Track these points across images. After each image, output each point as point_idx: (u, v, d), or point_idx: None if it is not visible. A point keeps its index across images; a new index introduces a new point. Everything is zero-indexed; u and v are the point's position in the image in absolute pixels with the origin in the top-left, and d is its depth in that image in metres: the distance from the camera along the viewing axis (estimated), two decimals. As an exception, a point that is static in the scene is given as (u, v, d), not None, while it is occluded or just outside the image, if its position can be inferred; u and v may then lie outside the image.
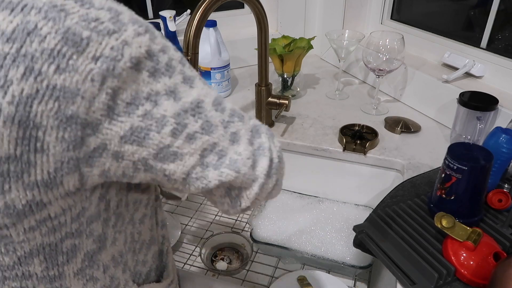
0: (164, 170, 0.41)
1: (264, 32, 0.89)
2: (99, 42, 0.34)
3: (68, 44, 0.33)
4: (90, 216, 0.43)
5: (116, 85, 0.35)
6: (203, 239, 1.00)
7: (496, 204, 0.67)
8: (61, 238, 0.42)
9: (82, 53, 0.34)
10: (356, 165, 0.93)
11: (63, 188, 0.38)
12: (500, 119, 0.85)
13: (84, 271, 0.46)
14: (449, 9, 1.13)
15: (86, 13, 0.35)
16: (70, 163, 0.36)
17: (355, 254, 0.85)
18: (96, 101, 0.35)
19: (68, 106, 0.34)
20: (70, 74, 0.34)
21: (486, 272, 0.54)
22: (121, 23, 0.36)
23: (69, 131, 0.35)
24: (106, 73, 0.35)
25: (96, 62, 0.34)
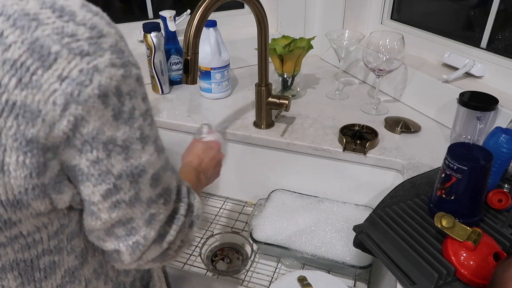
0: (83, 218, 0.41)
1: (264, 32, 0.89)
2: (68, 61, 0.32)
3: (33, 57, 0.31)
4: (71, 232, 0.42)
5: (80, 113, 0.33)
6: (203, 239, 1.00)
7: (496, 204, 0.67)
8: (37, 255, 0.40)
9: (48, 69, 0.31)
10: (356, 165, 0.93)
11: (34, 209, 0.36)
12: (500, 119, 0.85)
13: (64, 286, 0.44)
14: (449, 9, 1.13)
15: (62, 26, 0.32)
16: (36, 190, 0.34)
17: (355, 254, 0.85)
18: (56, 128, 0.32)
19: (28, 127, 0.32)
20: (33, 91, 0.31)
21: (486, 272, 0.54)
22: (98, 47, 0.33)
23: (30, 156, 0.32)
24: (70, 98, 0.32)
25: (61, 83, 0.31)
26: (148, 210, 0.41)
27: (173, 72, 1.22)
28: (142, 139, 0.38)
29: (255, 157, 1.04)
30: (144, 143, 0.39)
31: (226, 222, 1.06)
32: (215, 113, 1.08)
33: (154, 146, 0.40)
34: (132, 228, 0.41)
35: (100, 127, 0.34)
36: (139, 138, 0.38)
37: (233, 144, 1.04)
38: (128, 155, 0.37)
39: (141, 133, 0.38)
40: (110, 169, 0.36)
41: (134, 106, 0.37)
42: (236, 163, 1.07)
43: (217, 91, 1.15)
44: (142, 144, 0.38)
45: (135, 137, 0.37)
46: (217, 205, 1.12)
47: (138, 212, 0.41)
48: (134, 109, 0.37)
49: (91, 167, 0.36)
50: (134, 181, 0.39)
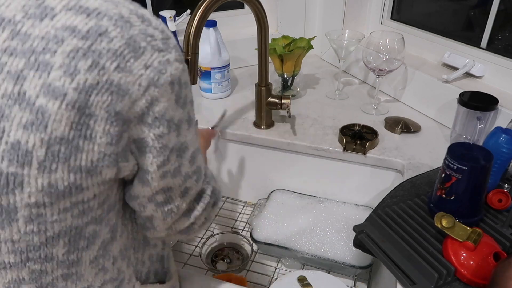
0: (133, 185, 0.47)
1: (264, 32, 0.89)
2: (151, 54, 0.41)
3: (129, 48, 0.39)
4: (110, 204, 0.47)
5: (155, 95, 0.41)
6: (203, 239, 1.00)
7: (496, 204, 0.67)
8: (86, 222, 0.45)
9: (138, 59, 0.40)
10: (356, 165, 0.93)
11: (101, 177, 0.42)
12: (500, 119, 0.85)
13: (98, 260, 0.49)
14: (449, 9, 1.14)
15: (145, 29, 0.41)
16: (111, 157, 0.41)
17: (355, 254, 0.85)
18: (136, 104, 0.40)
19: (118, 102, 0.39)
20: (126, 74, 0.39)
21: (486, 272, 0.54)
22: (168, 46, 0.43)
23: (114, 125, 0.40)
24: (151, 82, 0.41)
25: (146, 70, 0.40)
26: (184, 184, 0.49)
27: (173, 72, 1.21)
28: (189, 121, 0.47)
29: (255, 157, 1.04)
30: (189, 124, 0.47)
31: (226, 222, 1.06)
32: (215, 113, 1.08)
33: (195, 129, 0.49)
34: (170, 197, 0.49)
35: (167, 107, 0.43)
36: (187, 120, 0.46)
37: (233, 144, 1.04)
38: (179, 132, 0.45)
39: (189, 116, 0.47)
40: (167, 143, 0.44)
41: (187, 94, 0.46)
42: (236, 163, 1.07)
43: (217, 91, 1.15)
44: (188, 125, 0.47)
45: (185, 119, 0.46)
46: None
47: (177, 183, 0.48)
48: (187, 96, 0.46)
49: (156, 140, 0.43)
50: (179, 155, 0.47)
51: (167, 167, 0.46)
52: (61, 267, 0.46)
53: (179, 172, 0.48)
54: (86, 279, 0.48)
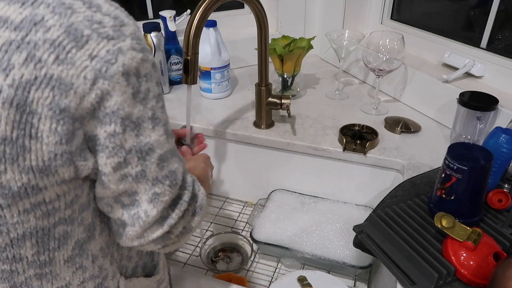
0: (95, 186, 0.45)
1: (264, 32, 0.89)
2: (97, 42, 0.37)
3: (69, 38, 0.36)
4: (82, 204, 0.45)
5: (106, 88, 0.38)
6: (203, 239, 1.00)
7: (496, 204, 0.67)
8: (54, 223, 0.43)
9: (81, 48, 0.36)
10: (356, 165, 0.93)
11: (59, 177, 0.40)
12: (500, 119, 0.85)
13: (74, 259, 0.47)
14: (449, 9, 1.14)
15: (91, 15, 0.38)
16: (64, 156, 0.39)
17: (355, 254, 0.85)
18: (86, 100, 0.37)
19: (61, 98, 0.36)
20: (67, 67, 0.36)
21: (486, 272, 0.54)
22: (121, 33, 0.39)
23: (61, 124, 0.37)
24: (98, 73, 0.37)
25: (92, 61, 0.37)
26: (153, 189, 0.45)
27: (173, 72, 1.22)
28: (153, 119, 0.42)
29: (255, 157, 1.04)
30: (155, 123, 0.43)
31: (226, 222, 1.06)
32: (215, 113, 1.08)
33: (164, 129, 0.44)
34: (135, 200, 0.45)
35: (121, 102, 0.39)
36: (150, 118, 0.42)
37: (233, 144, 1.04)
38: (139, 132, 0.41)
39: (153, 113, 0.42)
40: (123, 143, 0.41)
41: (149, 88, 0.41)
42: (236, 163, 1.07)
43: (217, 91, 1.15)
44: (152, 124, 0.42)
45: (147, 116, 0.42)
46: (217, 205, 1.12)
47: (143, 188, 0.44)
48: (149, 91, 0.41)
49: (107, 139, 0.40)
50: (142, 158, 0.43)
51: (126, 171, 0.42)
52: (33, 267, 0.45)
53: (144, 176, 0.44)
54: (62, 277, 0.47)
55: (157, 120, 0.43)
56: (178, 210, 0.48)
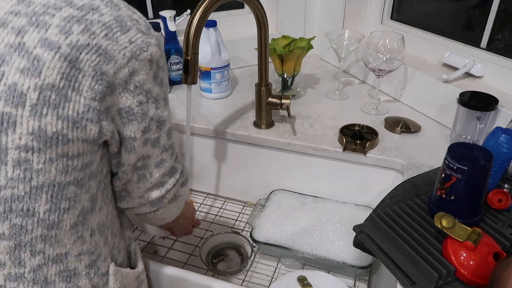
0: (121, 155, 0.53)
1: (264, 32, 0.89)
2: (136, 33, 0.49)
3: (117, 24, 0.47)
4: (92, 171, 0.51)
5: (136, 67, 0.48)
6: (203, 239, 1.00)
7: (496, 204, 0.67)
8: (69, 181, 0.48)
9: (124, 33, 0.47)
10: (356, 165, 0.93)
11: (85, 133, 0.46)
12: (500, 119, 0.85)
13: (77, 226, 0.51)
14: (449, 9, 1.13)
15: (131, 14, 0.50)
16: (94, 112, 0.46)
17: (355, 254, 0.85)
18: (121, 72, 0.47)
19: (104, 63, 0.46)
20: (112, 43, 0.46)
21: (486, 272, 0.54)
22: (150, 33, 0.51)
23: (99, 83, 0.45)
24: (133, 55, 0.48)
25: (130, 44, 0.48)
26: (161, 155, 0.56)
27: (173, 72, 1.22)
28: (165, 99, 0.54)
29: (255, 157, 1.04)
30: (166, 103, 0.55)
31: (226, 222, 1.06)
32: (215, 113, 1.08)
33: (169, 110, 0.56)
34: (147, 164, 0.55)
35: (145, 80, 0.50)
36: (163, 98, 0.54)
37: (233, 144, 1.04)
38: (157, 106, 0.52)
39: (165, 96, 0.54)
40: (147, 111, 0.51)
41: (163, 76, 0.53)
42: (236, 163, 1.07)
43: (217, 91, 1.15)
44: (165, 103, 0.54)
45: (162, 96, 0.53)
46: (217, 205, 1.12)
47: (155, 153, 0.55)
48: (163, 79, 0.53)
49: (139, 107, 0.50)
50: (159, 127, 0.54)
51: (149, 135, 0.53)
52: (41, 226, 0.47)
53: (158, 142, 0.54)
54: (64, 244, 0.50)
55: (167, 101, 0.55)
56: (173, 178, 0.59)
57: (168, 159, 0.57)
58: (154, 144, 0.54)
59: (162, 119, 0.54)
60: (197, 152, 1.10)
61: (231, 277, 0.91)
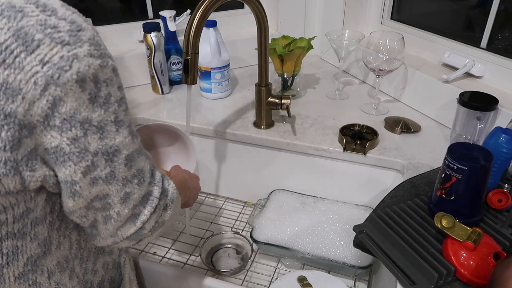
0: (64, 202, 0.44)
1: (264, 32, 0.89)
2: (51, 48, 0.36)
3: (18, 42, 0.34)
4: (35, 218, 0.43)
5: (58, 94, 0.36)
6: (203, 239, 1.00)
7: (496, 204, 0.67)
8: (1, 237, 0.41)
9: (31, 53, 0.35)
10: (356, 165, 0.93)
11: (3, 187, 0.38)
12: (500, 119, 0.85)
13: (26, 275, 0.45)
14: (449, 9, 1.13)
15: (45, 19, 0.36)
16: (8, 164, 0.37)
17: (355, 254, 0.85)
18: (36, 106, 0.36)
19: (7, 103, 0.35)
20: (15, 72, 0.34)
21: (486, 272, 0.54)
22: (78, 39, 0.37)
23: (6, 129, 0.35)
24: (50, 80, 0.36)
25: (43, 67, 0.35)
26: (124, 189, 0.45)
27: (173, 72, 1.22)
28: (116, 123, 0.42)
29: (255, 157, 1.04)
30: (119, 126, 0.43)
31: (226, 222, 1.06)
32: (215, 113, 1.08)
33: (128, 130, 0.44)
34: (107, 203, 0.45)
35: (77, 107, 0.38)
36: (113, 121, 0.42)
37: (233, 144, 1.04)
38: (103, 135, 0.41)
39: (116, 117, 0.42)
40: (87, 146, 0.40)
41: (110, 92, 0.41)
42: (236, 163, 1.07)
43: (217, 91, 1.15)
44: (116, 127, 0.42)
45: (110, 120, 0.41)
46: (217, 205, 1.12)
47: (114, 189, 0.45)
48: (110, 96, 0.41)
49: (72, 145, 0.39)
50: (110, 160, 0.43)
51: (96, 173, 0.42)
52: None
53: (114, 177, 0.44)
54: None
55: (121, 123, 0.43)
56: (149, 206, 0.49)
57: (135, 190, 0.46)
58: (108, 181, 0.43)
59: (113, 150, 0.42)
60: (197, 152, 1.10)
61: (231, 277, 0.91)
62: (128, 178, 0.45)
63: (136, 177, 0.46)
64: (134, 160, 0.46)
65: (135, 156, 0.46)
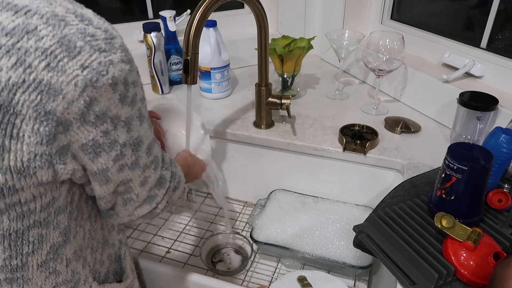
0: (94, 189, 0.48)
1: (264, 32, 0.89)
2: (90, 54, 0.39)
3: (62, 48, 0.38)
4: (58, 207, 0.46)
5: (94, 95, 0.40)
6: (203, 239, 1.00)
7: (496, 204, 0.67)
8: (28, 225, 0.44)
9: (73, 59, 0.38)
10: (356, 165, 0.93)
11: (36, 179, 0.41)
12: (500, 119, 0.85)
13: (48, 263, 0.47)
14: (449, 9, 1.13)
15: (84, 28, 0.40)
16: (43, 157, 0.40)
17: (355, 254, 0.85)
18: (74, 105, 0.39)
19: (49, 101, 0.38)
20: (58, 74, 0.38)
21: (486, 272, 0.54)
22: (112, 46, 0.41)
23: (45, 125, 0.38)
24: (89, 82, 0.39)
25: (83, 71, 0.39)
26: (143, 174, 0.51)
27: (173, 72, 1.22)
28: (140, 117, 0.47)
29: (255, 157, 1.04)
30: (142, 120, 0.48)
31: (226, 222, 1.06)
32: (215, 113, 1.08)
33: (148, 123, 0.50)
34: (130, 187, 0.50)
35: (109, 106, 0.42)
36: (138, 117, 0.47)
37: (233, 144, 1.04)
38: (130, 128, 0.46)
39: (140, 113, 0.47)
40: (117, 138, 0.45)
41: (136, 92, 0.45)
42: (236, 163, 1.07)
43: (217, 91, 1.15)
44: (140, 121, 0.47)
45: (135, 116, 0.46)
46: (217, 205, 1.12)
47: (136, 174, 0.50)
48: (136, 95, 0.46)
49: (104, 137, 0.43)
50: (135, 149, 0.48)
51: (124, 161, 0.47)
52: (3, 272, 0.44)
53: (137, 164, 0.49)
54: (34, 282, 0.47)
55: (143, 118, 0.48)
56: (163, 189, 0.55)
57: (152, 174, 0.52)
58: (133, 167, 0.49)
59: (138, 140, 0.48)
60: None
61: (231, 277, 0.91)
62: (147, 164, 0.51)
63: (153, 163, 0.52)
64: (152, 148, 0.51)
65: (153, 144, 0.52)
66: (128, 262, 0.65)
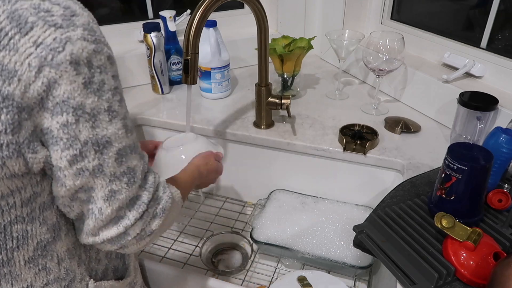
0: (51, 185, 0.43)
1: (264, 32, 0.89)
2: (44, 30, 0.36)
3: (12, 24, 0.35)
4: (43, 203, 0.44)
5: (53, 77, 0.36)
6: (203, 239, 1.00)
7: (496, 204, 0.67)
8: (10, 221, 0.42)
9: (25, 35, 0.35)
10: (356, 165, 0.93)
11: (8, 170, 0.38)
12: (500, 119, 0.85)
13: (36, 260, 0.46)
14: (449, 9, 1.13)
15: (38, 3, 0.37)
16: (10, 147, 0.37)
17: (355, 254, 0.85)
18: (32, 88, 0.36)
19: (4, 85, 0.35)
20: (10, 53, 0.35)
21: (486, 272, 0.54)
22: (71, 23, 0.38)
23: (5, 112, 0.36)
24: (44, 61, 0.36)
25: (37, 48, 0.36)
26: (110, 185, 0.43)
27: (173, 72, 1.22)
28: (110, 112, 0.41)
29: (255, 157, 1.04)
30: (112, 116, 0.42)
31: (226, 222, 1.06)
32: (215, 113, 1.08)
33: (122, 123, 0.43)
34: (91, 196, 0.44)
35: (71, 91, 0.38)
36: (107, 110, 0.41)
37: (233, 144, 1.04)
38: (95, 124, 0.40)
39: (109, 106, 0.41)
40: (78, 134, 0.39)
41: (104, 80, 0.40)
42: (236, 163, 1.07)
43: (217, 91, 1.15)
44: (109, 117, 0.41)
45: (103, 108, 0.41)
46: (217, 205, 1.12)
47: (99, 184, 0.43)
48: (104, 83, 0.40)
49: (61, 130, 0.39)
50: (99, 151, 0.41)
51: (83, 164, 0.41)
52: None
53: (102, 171, 0.42)
54: (23, 278, 0.45)
55: (114, 113, 0.42)
56: (135, 211, 0.46)
57: (123, 190, 0.44)
58: (95, 174, 0.42)
59: (104, 141, 0.41)
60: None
61: (231, 277, 0.91)
62: (116, 174, 0.43)
63: (126, 175, 0.44)
64: (126, 156, 0.44)
65: (127, 152, 0.44)
66: (132, 260, 0.63)
